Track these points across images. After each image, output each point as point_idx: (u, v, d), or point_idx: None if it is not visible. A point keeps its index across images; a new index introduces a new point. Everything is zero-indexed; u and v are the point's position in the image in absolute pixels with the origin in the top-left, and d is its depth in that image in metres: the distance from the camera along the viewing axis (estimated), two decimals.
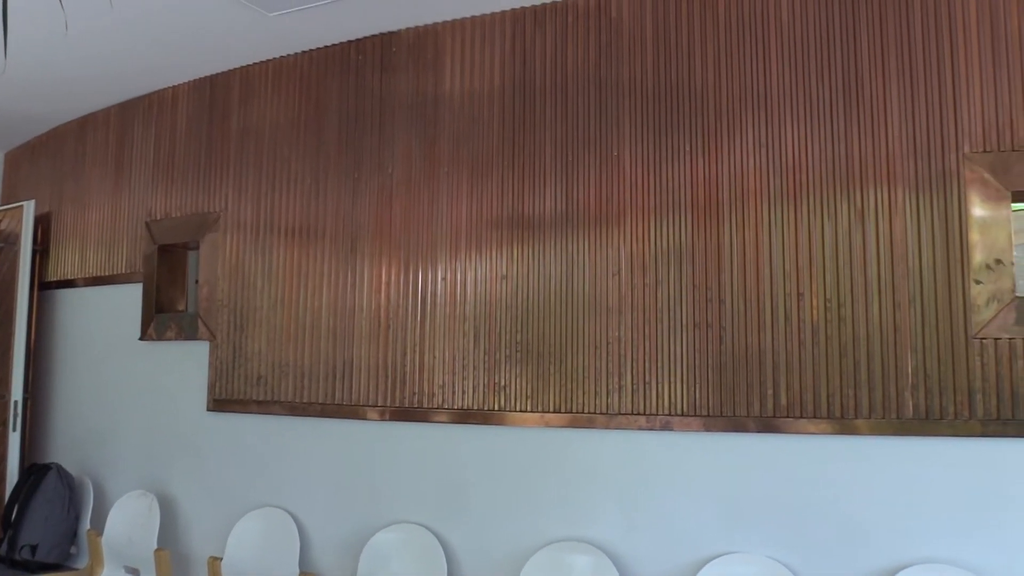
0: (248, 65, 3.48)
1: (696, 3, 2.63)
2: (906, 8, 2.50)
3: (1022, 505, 2.35)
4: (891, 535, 2.40)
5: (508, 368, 2.71)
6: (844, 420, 2.42)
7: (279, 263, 3.27)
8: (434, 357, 2.87)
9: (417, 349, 2.90)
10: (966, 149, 2.42)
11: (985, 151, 2.42)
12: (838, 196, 2.46)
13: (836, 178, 2.47)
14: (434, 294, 2.88)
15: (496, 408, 2.73)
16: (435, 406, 2.87)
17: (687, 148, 2.56)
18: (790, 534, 2.44)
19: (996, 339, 2.36)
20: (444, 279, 2.86)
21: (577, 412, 2.61)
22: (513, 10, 2.86)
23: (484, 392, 2.75)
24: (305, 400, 3.15)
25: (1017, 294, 2.35)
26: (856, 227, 2.44)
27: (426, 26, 3.05)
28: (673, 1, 2.65)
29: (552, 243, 2.66)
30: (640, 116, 2.62)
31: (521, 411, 2.69)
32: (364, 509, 3.01)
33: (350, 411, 3.04)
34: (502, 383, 2.72)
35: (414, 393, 2.90)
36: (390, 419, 2.96)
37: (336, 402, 3.07)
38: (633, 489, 2.56)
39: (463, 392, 2.80)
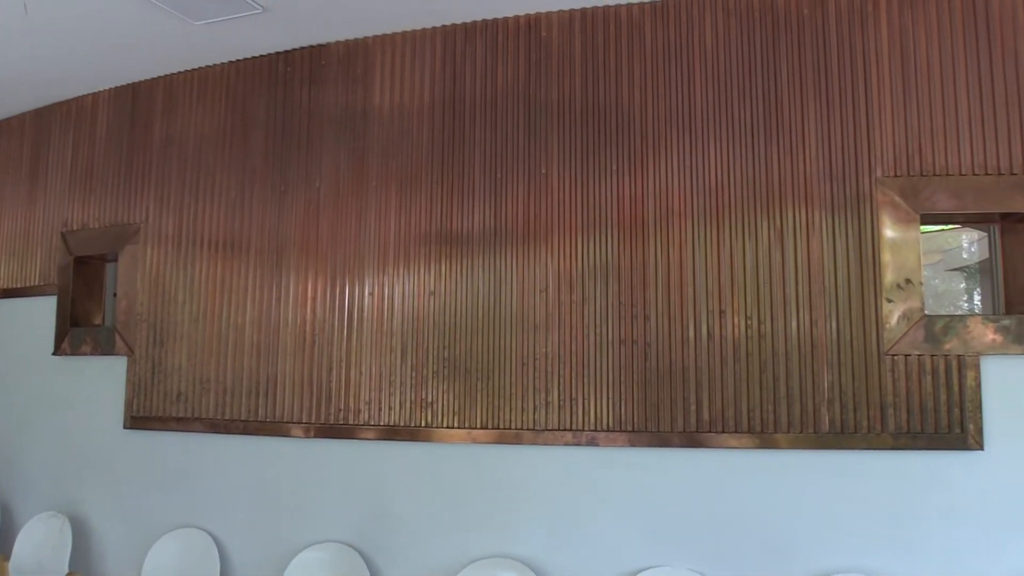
0: (173, 74, 3.40)
1: (624, 26, 2.69)
2: (823, 39, 2.61)
3: (931, 515, 2.45)
4: (810, 546, 2.47)
5: (435, 384, 2.70)
6: (764, 434, 2.49)
7: (201, 276, 3.20)
8: (360, 373, 2.84)
9: (343, 365, 2.87)
10: (879, 173, 2.53)
11: (896, 176, 2.53)
12: (759, 216, 2.54)
13: (757, 199, 2.55)
14: (361, 309, 2.85)
15: (423, 424, 2.72)
16: (361, 423, 2.84)
17: (614, 167, 2.61)
18: (713, 547, 2.49)
19: (906, 355, 2.46)
20: (371, 294, 2.84)
21: (504, 428, 2.61)
22: (444, 26, 2.87)
23: (411, 408, 2.73)
24: (227, 417, 3.07)
25: (926, 312, 2.46)
26: (776, 246, 2.52)
27: (356, 40, 3.03)
28: (602, 23, 2.70)
29: (480, 259, 2.67)
30: (568, 135, 2.65)
31: (448, 427, 2.68)
32: (288, 528, 2.94)
33: (274, 428, 2.98)
34: (429, 399, 2.71)
35: (340, 409, 2.86)
36: (315, 436, 2.91)
37: (259, 419, 3.01)
38: (559, 505, 2.58)
39: (390, 408, 2.77)
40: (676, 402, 2.51)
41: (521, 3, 2.69)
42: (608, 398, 2.53)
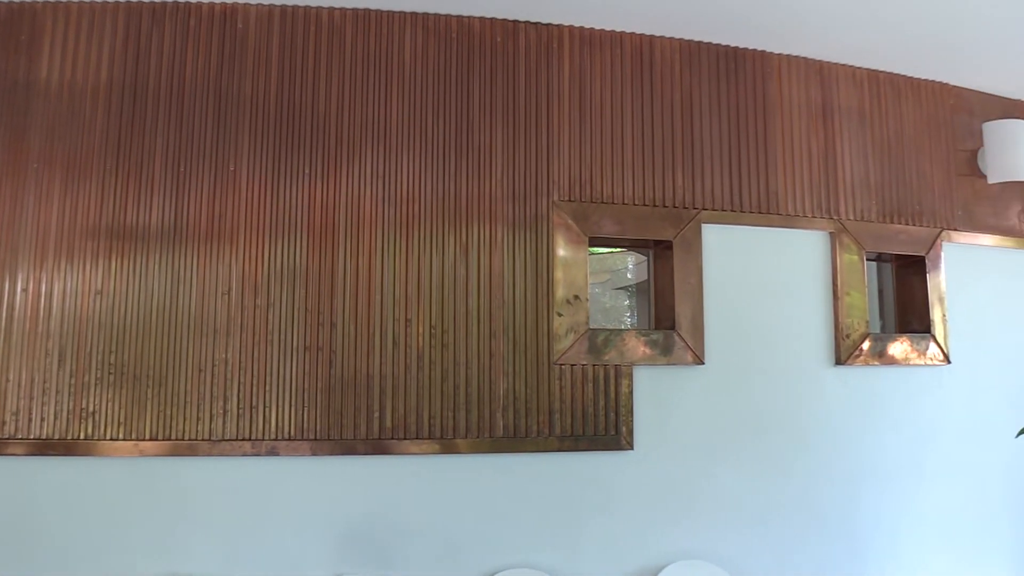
0: None
1: (325, 29, 2.73)
2: (513, 68, 2.87)
3: (591, 509, 2.79)
4: (486, 545, 2.68)
5: (99, 392, 2.52)
6: (445, 440, 2.66)
7: None
8: (8, 380, 2.57)
9: None
10: (555, 197, 2.83)
11: (570, 200, 2.85)
12: (446, 230, 2.72)
13: (445, 213, 2.73)
14: (11, 307, 2.58)
15: (82, 437, 2.53)
16: (6, 436, 2.56)
17: (307, 171, 2.64)
18: (396, 552, 2.60)
19: (572, 365, 2.77)
20: (25, 290, 2.59)
21: (177, 439, 2.52)
22: (128, 2, 2.71)
23: (68, 419, 2.53)
24: None
25: (590, 326, 2.80)
26: (461, 260, 2.72)
27: (23, 3, 2.76)
28: (302, 23, 2.73)
29: (157, 257, 2.55)
30: (261, 133, 2.64)
31: (112, 439, 2.52)
32: None
33: None
34: (91, 408, 2.53)
35: None
36: None
37: None
38: (238, 518, 2.53)
39: (42, 419, 2.54)
40: (360, 410, 2.60)
41: None
42: (291, 406, 2.55)
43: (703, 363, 2.92)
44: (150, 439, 2.49)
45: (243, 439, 2.51)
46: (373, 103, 2.72)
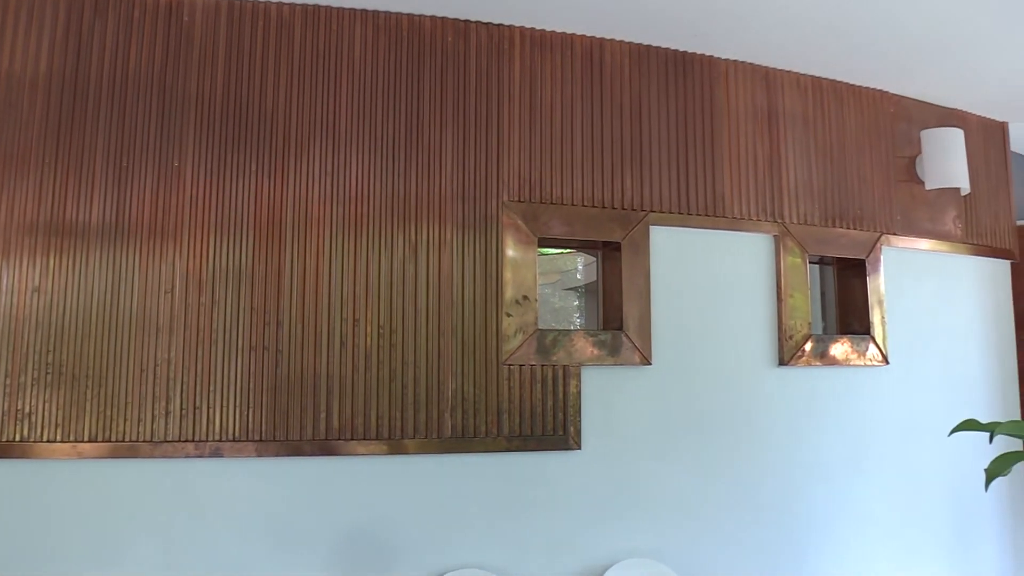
0: None
1: (273, 25, 2.71)
2: (464, 68, 2.88)
3: (537, 509, 2.81)
4: (433, 545, 2.69)
5: (36, 392, 2.47)
6: (393, 440, 2.66)
7: None
8: None
9: None
10: (505, 198, 2.86)
11: (520, 201, 2.87)
12: (395, 230, 2.72)
13: (395, 212, 2.73)
14: None
15: (18, 439, 2.47)
16: None
17: (253, 168, 2.62)
18: (343, 554, 2.59)
19: (521, 365, 2.80)
20: None
21: (118, 441, 2.47)
22: None
23: (3, 421, 2.46)
24: None
25: (539, 327, 2.83)
26: (410, 260, 2.72)
27: None
28: (250, 18, 2.70)
29: (98, 255, 2.50)
30: (206, 129, 2.61)
31: (49, 441, 2.46)
32: None
33: None
34: (27, 409, 2.47)
35: None
36: None
37: None
38: (179, 521, 2.49)
39: None
40: (307, 410, 2.58)
41: None
42: (235, 406, 2.52)
43: (650, 363, 2.97)
44: (89, 441, 2.45)
45: (186, 440, 2.48)
46: (322, 100, 2.71)
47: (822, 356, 3.27)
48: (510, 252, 2.82)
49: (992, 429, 2.12)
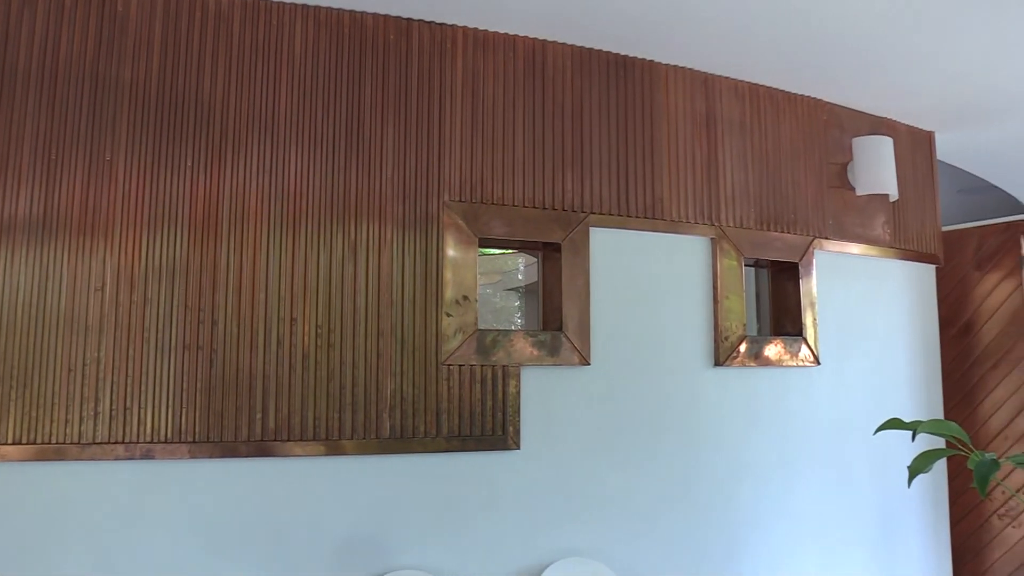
0: None
1: (211, 16, 2.67)
2: (406, 66, 2.89)
3: (477, 509, 2.84)
4: (373, 547, 2.68)
5: None
6: (331, 441, 2.65)
7: None
8: None
9: None
10: (446, 198, 2.87)
11: (461, 201, 2.89)
12: (335, 227, 2.71)
13: (334, 210, 2.72)
14: None
15: None
16: None
17: (189, 162, 2.58)
18: (280, 557, 2.56)
19: (460, 366, 2.82)
20: None
21: (44, 443, 2.40)
22: None
23: None
24: None
25: (479, 327, 2.85)
26: (349, 258, 2.72)
27: None
28: (187, 8, 2.65)
29: (24, 251, 2.43)
30: (140, 122, 2.55)
31: None
32: None
33: None
34: None
35: None
36: None
37: None
38: (109, 525, 2.43)
39: None
40: (242, 410, 2.56)
41: None
42: (168, 407, 2.48)
43: (589, 364, 3.02)
44: (13, 443, 2.38)
45: (116, 442, 2.43)
46: (261, 95, 2.69)
47: (756, 357, 3.37)
48: (450, 252, 2.84)
49: (915, 428, 2.22)
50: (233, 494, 2.55)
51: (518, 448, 2.90)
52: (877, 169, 3.61)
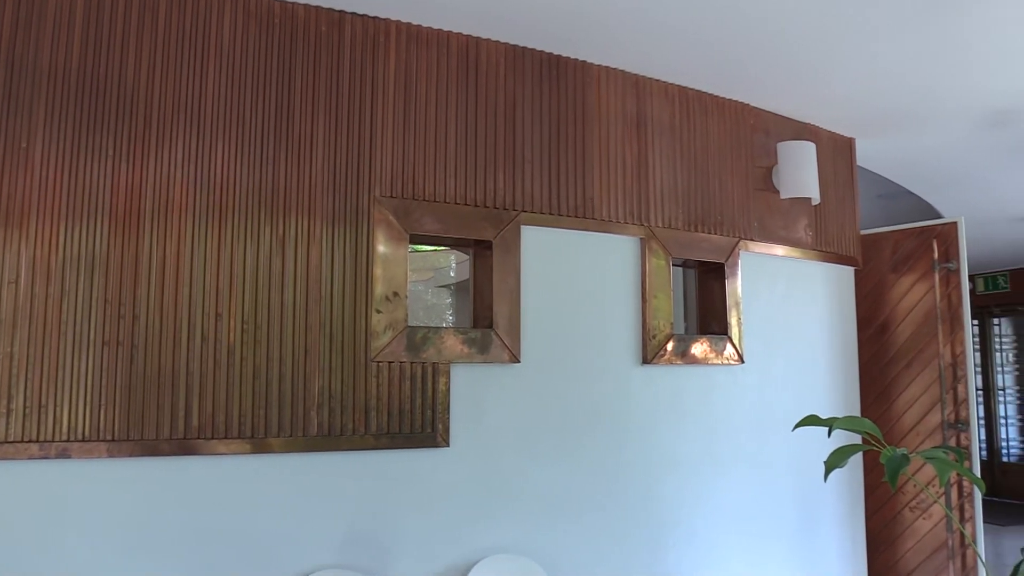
0: None
1: (135, 1, 2.61)
2: (338, 58, 2.87)
3: (406, 508, 2.84)
4: (298, 546, 2.66)
5: None
6: (256, 439, 2.62)
7: None
8: None
9: None
10: (377, 193, 2.87)
11: (392, 196, 2.90)
12: (263, 221, 2.68)
13: (262, 203, 2.69)
14: None
15: None
16: None
17: (110, 151, 2.52)
18: (202, 557, 2.52)
19: (390, 362, 2.83)
20: None
21: None
22: None
23: None
24: None
25: (408, 324, 2.86)
26: (277, 252, 2.69)
27: None
28: None
29: None
30: (59, 109, 2.48)
31: None
32: None
33: None
34: None
35: None
36: None
37: None
38: (23, 527, 2.35)
39: None
40: (164, 408, 2.51)
41: None
42: (86, 404, 2.42)
43: (519, 361, 3.06)
44: None
45: (30, 440, 2.36)
46: (187, 83, 2.64)
47: (683, 355, 3.47)
48: (381, 248, 2.84)
49: (831, 424, 2.32)
50: (154, 494, 2.50)
51: (447, 445, 2.92)
52: (800, 173, 3.75)
